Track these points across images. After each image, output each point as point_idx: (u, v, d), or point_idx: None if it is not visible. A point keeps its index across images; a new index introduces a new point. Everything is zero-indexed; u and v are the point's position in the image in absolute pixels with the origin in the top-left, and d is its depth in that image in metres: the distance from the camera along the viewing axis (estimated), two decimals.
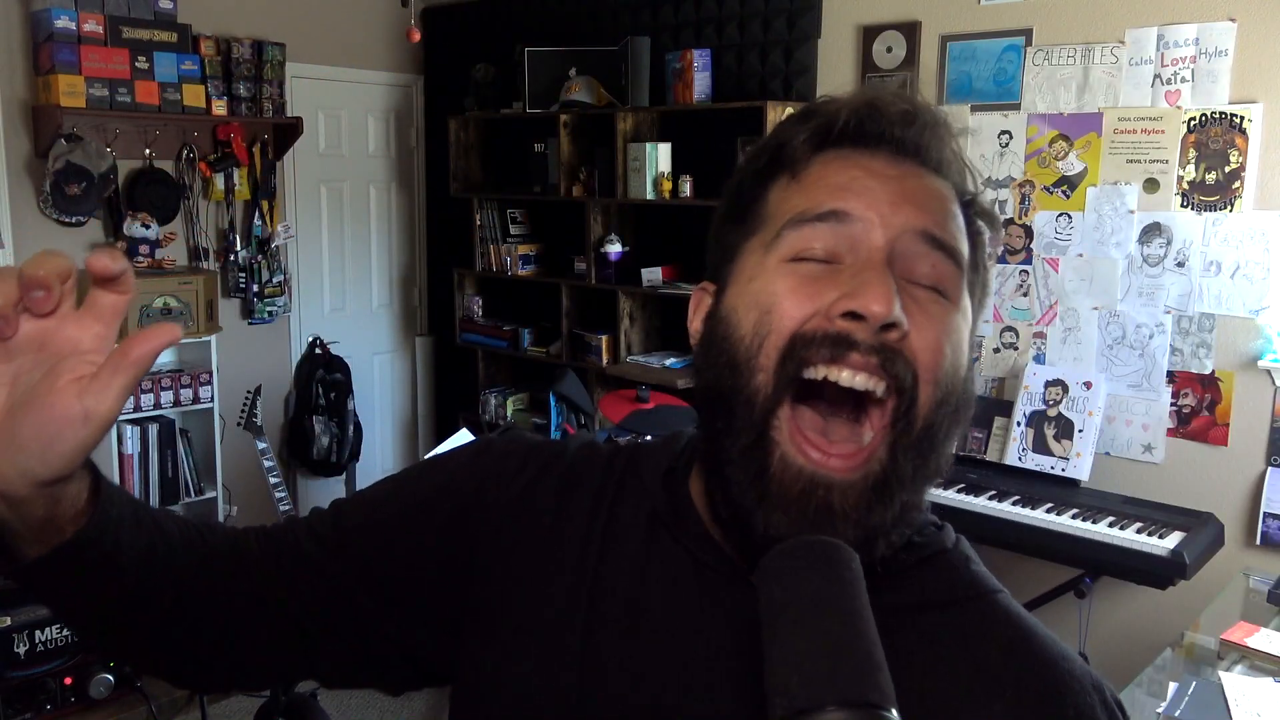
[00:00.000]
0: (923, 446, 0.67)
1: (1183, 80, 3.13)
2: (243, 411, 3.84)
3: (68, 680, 2.85)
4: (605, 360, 4.38)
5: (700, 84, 4.03)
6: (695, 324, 0.76)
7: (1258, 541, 3.07)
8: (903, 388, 0.65)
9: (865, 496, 0.65)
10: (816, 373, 0.65)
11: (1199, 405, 3.19)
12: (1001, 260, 3.50)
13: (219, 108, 4.40)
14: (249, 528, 0.82)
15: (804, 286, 0.66)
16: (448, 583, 0.78)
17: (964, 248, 0.70)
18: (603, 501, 0.78)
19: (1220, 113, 3.07)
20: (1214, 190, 3.10)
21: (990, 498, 3.13)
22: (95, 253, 0.59)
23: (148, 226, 4.24)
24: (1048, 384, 3.33)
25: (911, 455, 0.66)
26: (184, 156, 4.43)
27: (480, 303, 5.00)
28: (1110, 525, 2.93)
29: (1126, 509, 3.04)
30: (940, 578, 0.72)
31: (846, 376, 0.64)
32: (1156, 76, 3.17)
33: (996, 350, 3.56)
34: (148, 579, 0.70)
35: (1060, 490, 3.17)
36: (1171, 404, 3.23)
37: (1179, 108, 3.14)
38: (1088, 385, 3.27)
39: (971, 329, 0.71)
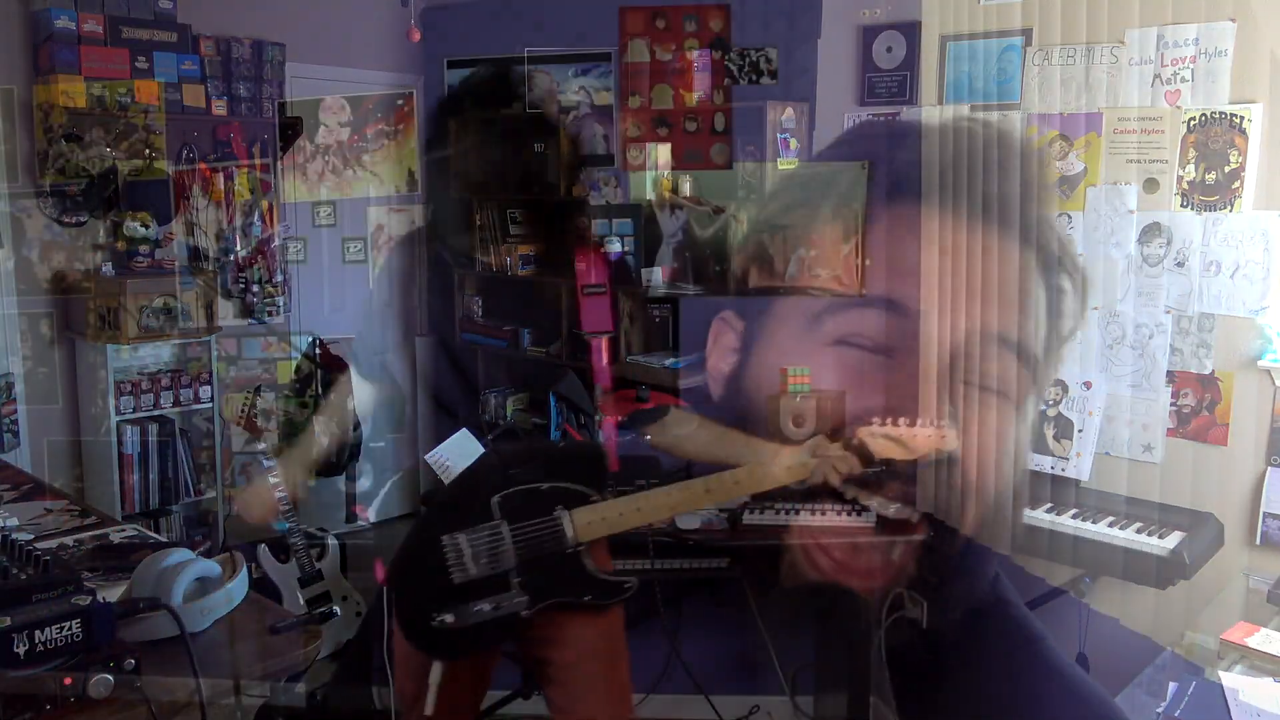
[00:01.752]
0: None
1: (1183, 80, 3.12)
2: (243, 411, 3.83)
3: (67, 680, 2.85)
4: (605, 360, 4.37)
5: (700, 84, 4.03)
6: None
7: (1258, 541, 3.07)
8: None
9: None
10: None
11: (1199, 405, 3.18)
12: None
13: (219, 108, 4.40)
14: None
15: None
16: None
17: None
18: None
19: (1220, 113, 3.06)
20: (1214, 190, 3.10)
21: None
22: None
23: (147, 226, 4.24)
24: None
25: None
26: (184, 156, 4.43)
27: (480, 303, 4.99)
28: (1110, 525, 2.93)
29: (1126, 509, 3.04)
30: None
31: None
32: (1156, 76, 3.17)
33: None
34: None
35: (1060, 490, 3.17)
36: (1171, 404, 3.22)
37: (1179, 108, 3.13)
38: (1087, 385, 3.26)
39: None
